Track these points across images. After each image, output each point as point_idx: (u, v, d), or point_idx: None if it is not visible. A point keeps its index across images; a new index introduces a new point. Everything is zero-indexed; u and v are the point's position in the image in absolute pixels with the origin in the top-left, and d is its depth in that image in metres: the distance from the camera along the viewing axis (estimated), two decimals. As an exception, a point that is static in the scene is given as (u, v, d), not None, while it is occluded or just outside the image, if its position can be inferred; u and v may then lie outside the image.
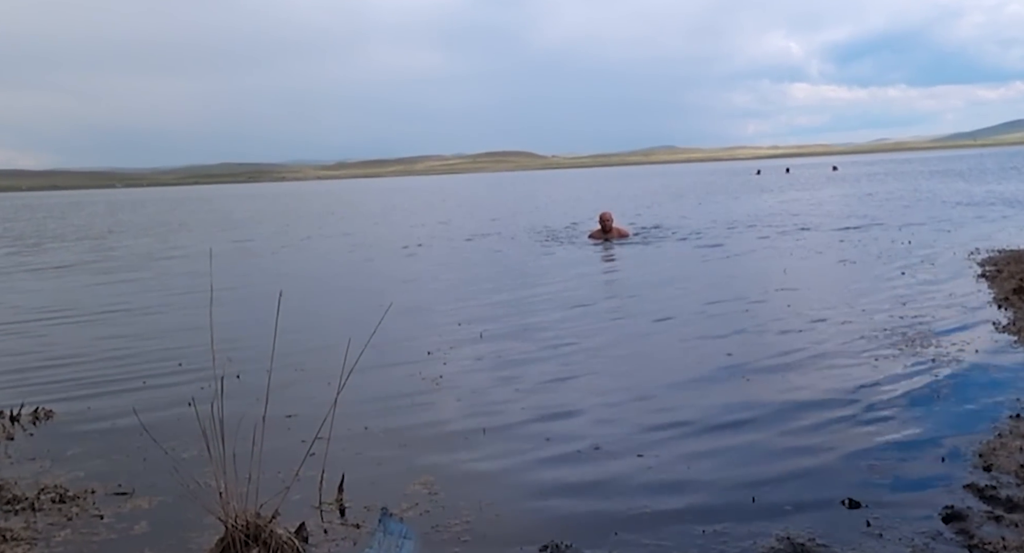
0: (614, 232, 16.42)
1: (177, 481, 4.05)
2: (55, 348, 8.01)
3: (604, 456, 4.48)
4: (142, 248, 20.71)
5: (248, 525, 3.30)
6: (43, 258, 18.70)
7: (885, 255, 12.26)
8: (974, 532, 3.33)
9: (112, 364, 7.16)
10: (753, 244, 14.76)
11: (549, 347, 7.18)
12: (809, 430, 4.73)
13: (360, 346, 3.99)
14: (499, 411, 5.39)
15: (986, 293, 8.69)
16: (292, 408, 5.35)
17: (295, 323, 8.30)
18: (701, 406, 5.27)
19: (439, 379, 6.22)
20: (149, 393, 6.14)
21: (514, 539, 3.52)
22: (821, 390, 5.51)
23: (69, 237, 26.45)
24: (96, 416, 5.58)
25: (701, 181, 56.05)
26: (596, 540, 3.45)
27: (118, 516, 3.92)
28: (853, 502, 3.68)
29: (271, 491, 3.55)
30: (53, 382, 6.55)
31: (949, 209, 20.76)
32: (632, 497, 3.90)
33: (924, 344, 6.58)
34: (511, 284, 11.21)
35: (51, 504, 4.05)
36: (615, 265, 13.18)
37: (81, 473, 4.50)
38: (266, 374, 5.06)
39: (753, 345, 6.90)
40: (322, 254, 17.36)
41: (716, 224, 19.20)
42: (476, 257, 15.08)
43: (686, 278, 11.01)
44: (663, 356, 6.76)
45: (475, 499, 3.95)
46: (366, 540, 3.51)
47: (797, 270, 11.28)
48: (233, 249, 18.76)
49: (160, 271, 14.94)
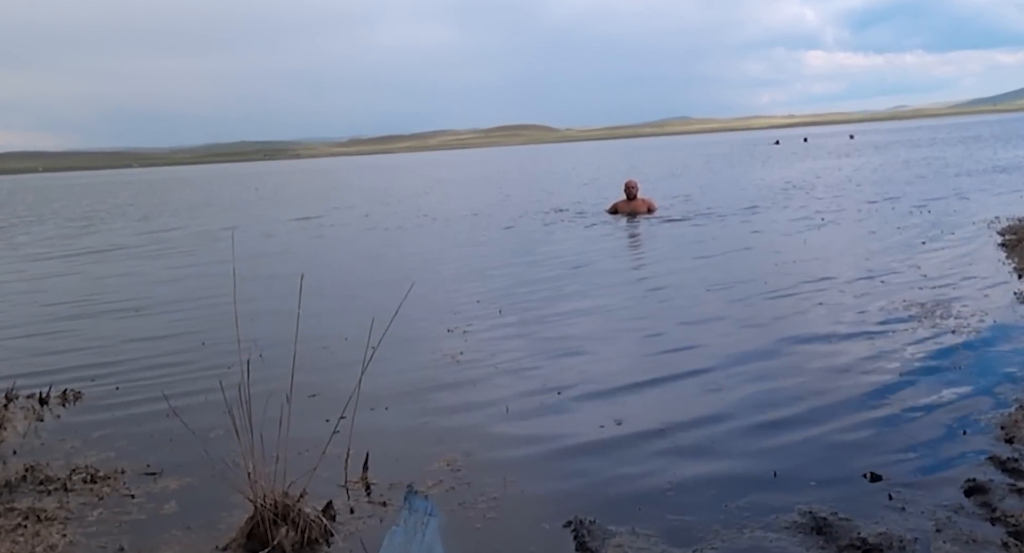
0: (640, 203, 15.81)
1: (206, 460, 4.12)
2: (93, 331, 8.09)
3: (626, 431, 4.51)
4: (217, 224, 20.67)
5: (276, 504, 3.36)
6: (103, 239, 18.71)
7: (904, 225, 12.18)
8: (997, 505, 3.34)
9: (141, 346, 7.23)
10: (773, 215, 14.66)
11: (569, 323, 7.20)
12: (829, 404, 4.74)
13: (382, 325, 4.01)
14: (520, 388, 5.43)
15: (1006, 262, 8.64)
16: (315, 388, 5.41)
17: (335, 302, 8.36)
18: (722, 381, 5.29)
19: (459, 356, 6.26)
20: (174, 369, 6.23)
21: (539, 515, 3.56)
22: (841, 362, 5.52)
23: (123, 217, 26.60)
24: (124, 398, 5.66)
25: (718, 153, 55.45)
26: (620, 515, 3.49)
27: (148, 496, 3.99)
28: (874, 476, 3.69)
29: (298, 471, 3.60)
30: (82, 365, 6.63)
31: (968, 177, 20.55)
32: (654, 473, 3.94)
33: (944, 315, 6.55)
34: (528, 261, 11.21)
35: (82, 484, 4.13)
36: (639, 240, 13.12)
37: (111, 454, 4.57)
38: (289, 355, 5.16)
39: (771, 319, 6.89)
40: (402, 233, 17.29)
41: (740, 196, 19.02)
42: (498, 236, 15.04)
43: (706, 255, 10.95)
44: (684, 331, 6.75)
45: (499, 476, 3.99)
46: (393, 518, 3.57)
47: (816, 241, 11.23)
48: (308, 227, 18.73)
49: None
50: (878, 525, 3.25)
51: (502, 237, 14.17)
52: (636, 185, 16.13)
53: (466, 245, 13.52)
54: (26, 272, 13.04)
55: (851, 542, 3.13)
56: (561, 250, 11.92)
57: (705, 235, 12.62)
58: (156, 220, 23.51)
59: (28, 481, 4.18)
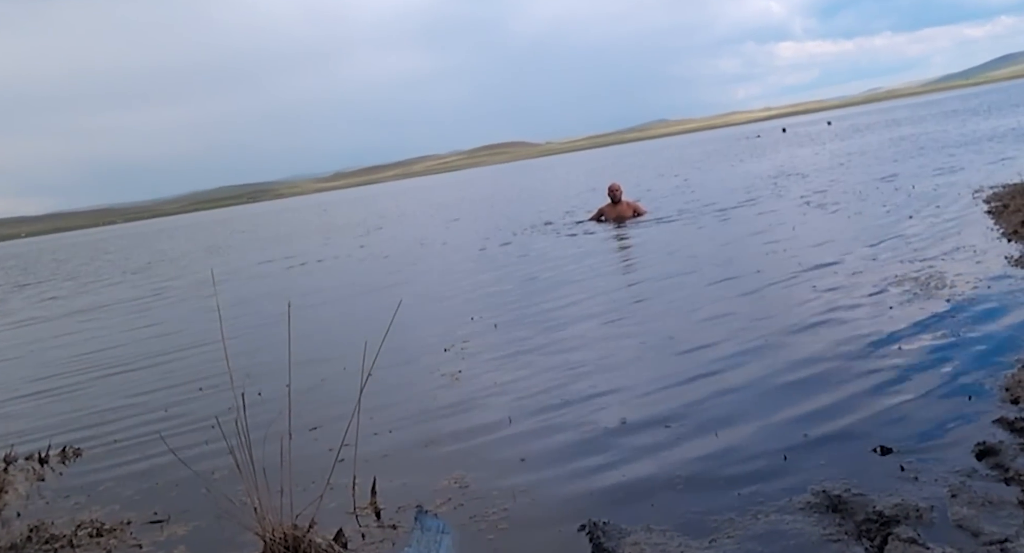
0: (625, 206, 15.62)
1: (211, 501, 4.08)
2: (91, 394, 8.01)
3: (631, 430, 4.48)
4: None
5: (286, 537, 3.31)
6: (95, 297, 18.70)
7: (889, 202, 12.21)
8: (1009, 465, 3.31)
9: (137, 399, 7.17)
10: (758, 206, 14.68)
11: (567, 333, 7.17)
12: (831, 383, 4.71)
13: (373, 350, 3.98)
14: (522, 399, 5.39)
15: (995, 229, 8.65)
16: (315, 419, 5.37)
17: (325, 333, 8.32)
18: (720, 372, 5.26)
19: (458, 373, 6.23)
20: (172, 420, 6.16)
21: (551, 521, 3.52)
22: (838, 341, 5.50)
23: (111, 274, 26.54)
24: (124, 450, 5.60)
25: (701, 152, 55.56)
26: (633, 514, 3.45)
27: (156, 544, 3.93)
28: (884, 449, 3.67)
29: (304, 502, 3.56)
30: (78, 422, 6.57)
31: (948, 150, 20.64)
32: (664, 468, 3.90)
33: (938, 286, 6.55)
34: (520, 275, 11.20)
35: (88, 538, 4.07)
36: (630, 243, 13.12)
37: (116, 506, 4.51)
38: (284, 390, 5.12)
39: (766, 305, 6.89)
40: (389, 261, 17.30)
41: (723, 191, 19.07)
42: (490, 254, 15.02)
43: (695, 251, 10.96)
44: (676, 326, 6.74)
45: (508, 488, 3.95)
46: (404, 539, 3.52)
47: (804, 225, 11.24)
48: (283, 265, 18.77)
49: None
50: (892, 497, 3.21)
51: (490, 254, 14.13)
52: (619, 188, 15.91)
53: (456, 264, 13.49)
54: (17, 337, 12.94)
55: (867, 516, 3.09)
56: (552, 262, 11.90)
57: (693, 231, 12.64)
58: (143, 274, 23.45)
59: (33, 541, 4.11)
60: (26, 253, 70.63)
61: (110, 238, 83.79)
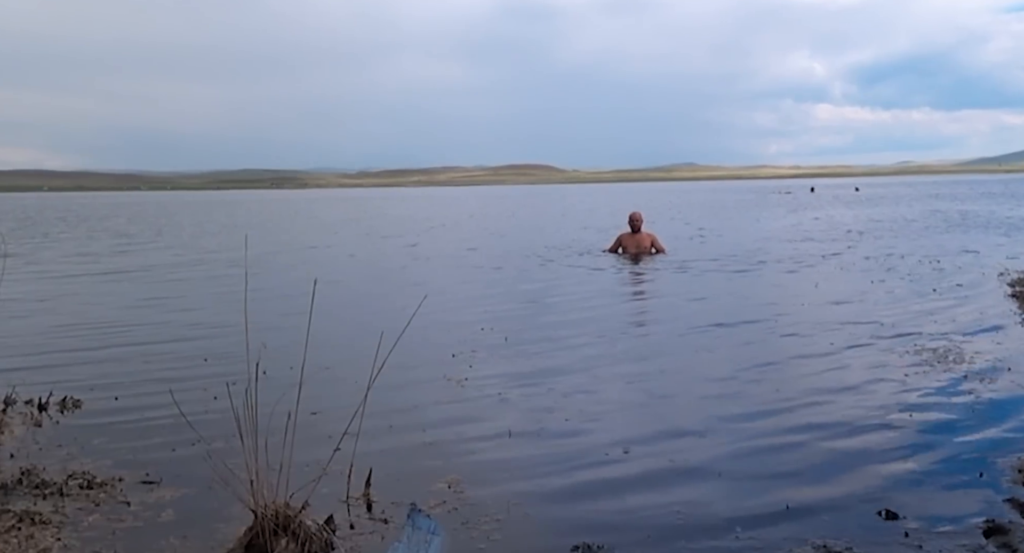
0: (644, 236, 15.53)
1: (203, 469, 4.05)
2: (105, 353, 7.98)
3: (633, 459, 4.43)
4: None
5: (278, 514, 3.27)
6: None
7: (913, 274, 12.13)
8: (1018, 546, 3.25)
9: (144, 361, 7.17)
10: (787, 264, 14.61)
11: (577, 354, 7.13)
12: (842, 442, 4.65)
13: (387, 345, 3.94)
14: (524, 413, 5.35)
15: (1017, 312, 8.59)
16: (316, 405, 5.33)
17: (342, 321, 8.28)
18: (731, 415, 5.21)
19: (463, 380, 6.19)
20: (177, 389, 6.13)
21: (545, 538, 3.48)
22: (853, 404, 5.43)
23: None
24: (124, 407, 5.59)
25: (733, 200, 55.09)
26: (628, 542, 3.40)
27: (145, 504, 3.91)
28: (890, 513, 3.61)
29: (299, 484, 3.52)
30: (82, 375, 6.55)
31: (978, 231, 20.55)
32: (663, 501, 3.85)
33: (956, 360, 6.49)
34: (535, 295, 11.17)
35: (79, 490, 4.05)
36: (641, 277, 13.07)
37: (108, 461, 4.49)
38: (291, 371, 5.10)
39: (783, 359, 6.82)
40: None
41: (752, 243, 18.92)
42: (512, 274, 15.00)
43: (713, 294, 10.91)
44: (691, 366, 6.70)
45: (503, 498, 3.91)
46: (395, 534, 3.48)
47: (826, 287, 11.16)
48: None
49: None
50: (895, 562, 3.16)
51: (510, 272, 14.10)
52: (641, 218, 15.78)
53: (475, 277, 13.48)
54: (45, 290, 12.82)
55: (867, 578, 3.04)
56: (569, 285, 11.87)
57: (713, 279, 12.55)
58: (184, 242, 23.52)
59: (24, 484, 4.09)
60: (88, 207, 71.05)
61: (166, 203, 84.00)
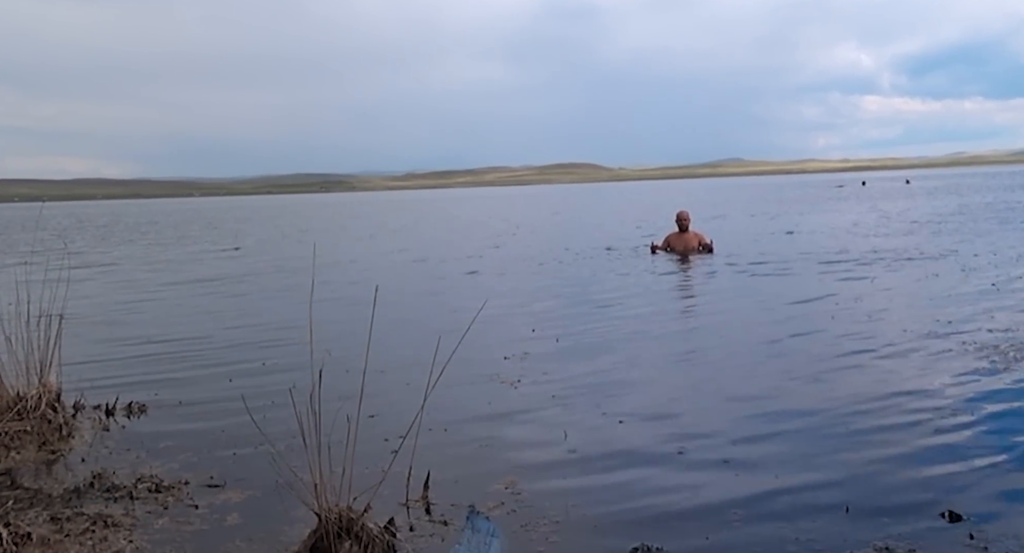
0: (692, 236, 15.37)
1: (267, 473, 4.14)
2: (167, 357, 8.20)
3: (690, 461, 4.43)
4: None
5: (341, 517, 3.35)
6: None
7: (969, 268, 11.88)
8: (1086, 547, 3.19)
9: (205, 366, 7.33)
10: (845, 262, 14.41)
11: (628, 354, 7.13)
12: (904, 442, 4.59)
13: (444, 349, 3.99)
14: (578, 414, 5.37)
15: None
16: (374, 409, 5.40)
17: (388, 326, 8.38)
18: (790, 416, 5.16)
19: (517, 382, 6.23)
20: (237, 395, 6.28)
21: (603, 540, 3.50)
22: (914, 403, 5.34)
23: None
24: (187, 413, 5.73)
25: (785, 196, 54.20)
26: (687, 543, 3.41)
27: (211, 507, 4.02)
28: (954, 515, 3.56)
29: (360, 487, 3.59)
30: (147, 380, 6.73)
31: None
32: (720, 503, 3.84)
33: (1017, 357, 6.35)
34: (587, 294, 11.17)
35: (147, 493, 4.17)
36: (690, 277, 12.99)
37: (175, 465, 4.62)
38: (347, 376, 5.19)
39: (841, 358, 6.72)
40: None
41: (808, 240, 18.67)
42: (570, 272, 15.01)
43: (766, 294, 10.79)
44: (748, 366, 6.64)
45: (561, 500, 3.94)
46: (455, 537, 3.53)
47: (883, 284, 10.96)
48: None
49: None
50: (960, 564, 3.12)
51: (559, 271, 14.11)
52: (688, 217, 15.66)
53: (524, 278, 13.51)
54: (120, 297, 13.06)
55: (931, 581, 3.01)
56: (619, 286, 11.84)
57: (767, 280, 12.40)
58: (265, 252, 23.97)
59: (96, 488, 4.24)
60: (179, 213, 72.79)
61: (226, 208, 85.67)
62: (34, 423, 5.12)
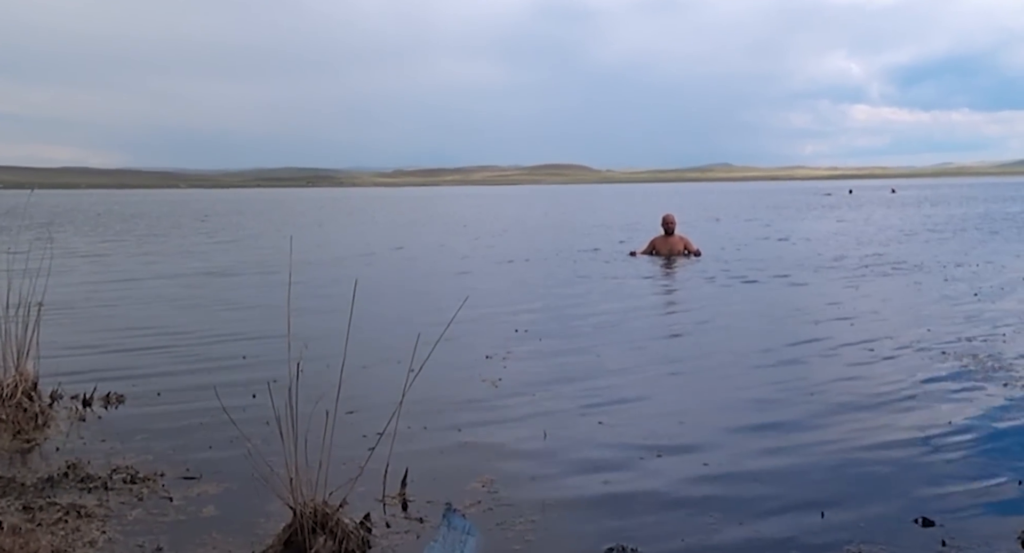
0: (677, 239, 15.31)
1: (243, 466, 4.12)
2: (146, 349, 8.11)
3: (667, 463, 4.44)
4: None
5: (316, 512, 3.33)
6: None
7: (952, 278, 11.97)
8: (1056, 556, 3.22)
9: (182, 359, 7.28)
10: (818, 267, 14.48)
11: (611, 356, 7.14)
12: (878, 449, 4.61)
13: (426, 347, 3.98)
14: (559, 415, 5.37)
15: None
16: (353, 405, 5.38)
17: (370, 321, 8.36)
18: (767, 422, 5.19)
19: (498, 381, 6.23)
20: (217, 386, 6.24)
21: (579, 540, 3.50)
22: (890, 410, 5.39)
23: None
24: (165, 404, 5.69)
25: (771, 202, 54.43)
26: (662, 545, 3.42)
27: (187, 499, 4.00)
28: (927, 521, 3.58)
29: (336, 483, 3.58)
30: (124, 371, 6.67)
31: (1018, 234, 20.20)
32: (697, 506, 3.86)
33: (996, 366, 6.40)
34: (571, 296, 11.18)
35: (122, 484, 4.15)
36: (671, 282, 13.02)
37: (150, 456, 4.59)
38: (327, 371, 5.16)
39: (822, 364, 6.77)
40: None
41: (790, 248, 18.78)
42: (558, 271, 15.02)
43: (751, 299, 10.84)
44: (728, 371, 6.66)
45: (537, 499, 3.94)
46: (431, 533, 3.53)
47: (866, 290, 11.02)
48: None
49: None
50: (931, 570, 3.14)
51: (546, 271, 14.12)
52: (674, 220, 15.65)
53: (509, 279, 13.51)
54: (104, 287, 12.95)
55: (903, 586, 3.03)
56: (602, 290, 11.86)
57: (751, 286, 12.44)
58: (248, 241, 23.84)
59: (70, 478, 4.21)
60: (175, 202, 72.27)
61: (215, 200, 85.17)
62: (9, 411, 5.08)
